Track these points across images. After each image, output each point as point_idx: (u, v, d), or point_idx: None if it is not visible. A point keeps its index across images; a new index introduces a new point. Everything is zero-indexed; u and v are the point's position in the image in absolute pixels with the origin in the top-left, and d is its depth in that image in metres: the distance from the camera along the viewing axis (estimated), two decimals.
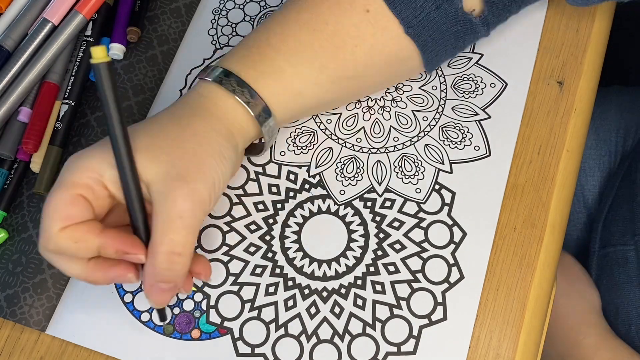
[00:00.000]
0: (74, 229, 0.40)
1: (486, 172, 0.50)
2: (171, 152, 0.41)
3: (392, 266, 0.48)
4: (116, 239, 0.41)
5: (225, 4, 0.57)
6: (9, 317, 0.48)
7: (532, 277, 0.48)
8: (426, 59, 0.48)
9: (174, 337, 0.48)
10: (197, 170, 0.41)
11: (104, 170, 0.41)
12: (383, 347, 0.47)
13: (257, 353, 0.47)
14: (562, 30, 0.54)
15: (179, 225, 0.40)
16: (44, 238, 0.41)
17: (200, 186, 0.41)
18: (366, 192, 0.50)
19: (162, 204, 0.40)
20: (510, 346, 0.46)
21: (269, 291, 0.48)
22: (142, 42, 0.54)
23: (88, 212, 0.41)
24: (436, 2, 0.45)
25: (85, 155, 0.42)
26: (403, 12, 0.45)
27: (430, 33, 0.47)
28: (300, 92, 0.46)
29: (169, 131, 0.43)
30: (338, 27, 0.46)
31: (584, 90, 0.52)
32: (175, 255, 0.41)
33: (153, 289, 0.42)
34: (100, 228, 0.41)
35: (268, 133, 0.46)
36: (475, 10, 0.47)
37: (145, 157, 0.41)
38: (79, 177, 0.41)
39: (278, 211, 0.50)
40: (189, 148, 0.42)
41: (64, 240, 0.40)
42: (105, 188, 0.41)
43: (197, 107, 0.44)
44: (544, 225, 0.49)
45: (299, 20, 0.46)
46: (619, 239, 0.67)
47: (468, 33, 0.48)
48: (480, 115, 0.52)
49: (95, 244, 0.41)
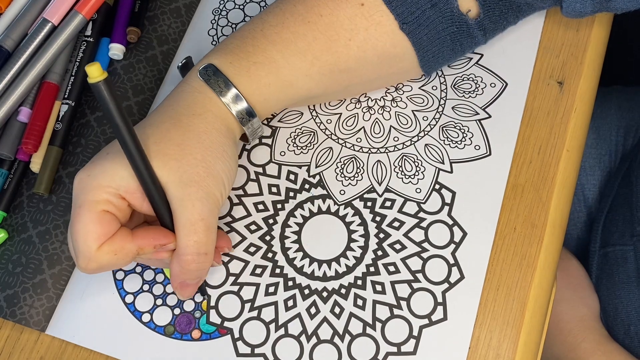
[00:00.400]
0: (110, 243, 0.42)
1: (486, 172, 0.50)
2: (180, 158, 0.43)
3: (392, 266, 0.48)
4: (150, 237, 0.43)
5: (225, 4, 0.57)
6: (9, 318, 0.48)
7: (532, 277, 0.48)
8: (422, 58, 0.48)
9: (174, 337, 0.48)
10: (207, 174, 0.43)
11: (117, 184, 0.42)
12: (383, 347, 0.47)
13: (257, 353, 0.47)
14: (562, 30, 0.54)
15: (202, 227, 0.43)
16: (83, 260, 0.42)
17: (213, 188, 0.43)
18: (366, 192, 0.50)
19: (181, 209, 0.42)
20: (510, 346, 0.46)
21: (269, 291, 0.48)
22: (142, 42, 0.54)
23: (116, 223, 0.43)
24: (431, 0, 0.46)
25: (95, 172, 0.43)
26: (398, 7, 0.46)
27: (425, 31, 0.47)
28: (291, 83, 0.47)
29: (172, 136, 0.43)
30: (332, 19, 0.46)
31: (584, 90, 0.52)
32: (201, 255, 0.43)
33: (182, 286, 0.45)
34: (131, 232, 0.43)
35: (252, 134, 0.48)
36: (471, 12, 0.47)
37: (157, 165, 0.42)
38: (97, 195, 0.42)
39: (278, 211, 0.50)
40: (197, 154, 0.43)
41: (104, 256, 0.42)
42: (124, 199, 0.43)
43: (194, 104, 0.45)
44: (544, 225, 0.49)
45: (294, 12, 0.46)
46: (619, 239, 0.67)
47: (464, 36, 0.48)
48: (481, 114, 0.52)
49: (133, 249, 0.43)
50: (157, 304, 0.49)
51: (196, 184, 0.42)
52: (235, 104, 0.45)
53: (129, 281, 0.49)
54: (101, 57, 0.54)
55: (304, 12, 0.46)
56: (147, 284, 0.49)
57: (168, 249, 0.44)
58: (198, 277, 0.45)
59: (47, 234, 0.49)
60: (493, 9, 0.47)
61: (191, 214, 0.42)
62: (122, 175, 0.42)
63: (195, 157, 0.43)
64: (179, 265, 0.43)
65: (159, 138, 0.43)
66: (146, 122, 0.45)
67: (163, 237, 0.43)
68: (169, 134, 0.43)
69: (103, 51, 0.54)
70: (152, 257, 0.44)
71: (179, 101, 0.45)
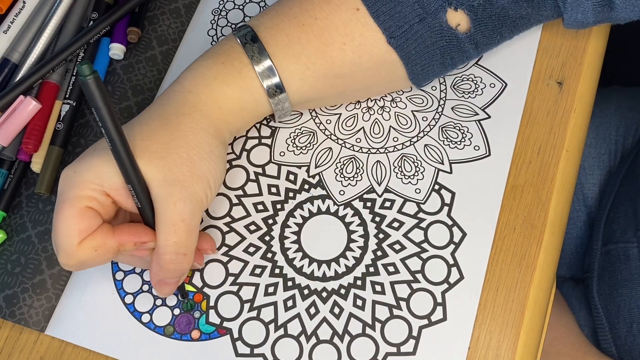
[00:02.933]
0: (90, 239, 0.42)
1: (486, 172, 0.50)
2: (166, 156, 0.43)
3: (391, 266, 0.48)
4: (131, 233, 0.43)
5: (224, 4, 0.57)
6: (8, 318, 0.48)
7: (532, 277, 0.48)
8: (410, 71, 0.48)
9: (173, 337, 0.48)
10: (192, 174, 0.43)
11: (102, 180, 0.42)
12: (383, 348, 0.47)
13: (256, 353, 0.47)
14: (561, 31, 0.54)
15: (182, 228, 0.42)
16: (64, 256, 0.42)
17: (197, 189, 0.43)
18: (366, 193, 0.50)
19: (163, 208, 0.42)
20: (510, 346, 0.46)
21: (268, 291, 0.48)
22: (142, 42, 0.54)
23: (98, 219, 0.43)
24: (419, 15, 0.45)
25: (80, 168, 0.43)
26: (386, 22, 0.45)
27: (414, 45, 0.46)
28: (285, 86, 0.46)
29: (160, 134, 0.43)
30: (327, 23, 0.46)
31: (584, 90, 0.52)
32: (180, 255, 0.43)
33: (160, 284, 0.45)
34: (112, 229, 0.43)
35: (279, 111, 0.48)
36: (461, 26, 0.47)
37: (142, 162, 0.42)
38: (80, 191, 0.42)
39: (278, 212, 0.50)
40: (183, 153, 0.43)
41: (85, 252, 0.42)
42: (108, 196, 0.43)
43: (183, 104, 0.45)
44: (543, 225, 0.49)
45: (289, 15, 0.46)
46: (621, 236, 0.67)
47: (454, 50, 0.47)
48: (480, 115, 0.52)
49: (113, 245, 0.43)
50: (157, 304, 0.49)
51: (180, 184, 0.42)
52: (265, 78, 0.45)
53: (129, 281, 0.49)
54: (101, 56, 0.54)
55: (299, 15, 0.46)
56: (146, 284, 0.49)
57: (148, 247, 0.44)
58: (177, 276, 0.45)
59: (46, 234, 0.49)
60: (485, 23, 0.47)
61: (172, 213, 0.42)
62: (107, 171, 0.42)
63: (181, 156, 0.43)
64: (158, 263, 0.43)
65: (146, 135, 0.43)
66: (135, 120, 0.45)
67: (144, 235, 0.43)
68: (157, 131, 0.43)
69: (103, 51, 0.54)
70: (133, 254, 0.45)
71: (169, 100, 0.45)
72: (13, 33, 0.53)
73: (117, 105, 0.53)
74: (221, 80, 0.45)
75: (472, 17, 0.46)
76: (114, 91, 0.53)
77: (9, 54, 0.52)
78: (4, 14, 0.53)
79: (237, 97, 0.46)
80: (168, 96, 0.46)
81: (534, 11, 0.47)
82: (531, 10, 0.47)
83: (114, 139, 0.40)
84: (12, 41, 0.53)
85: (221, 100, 0.46)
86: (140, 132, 0.43)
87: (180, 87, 0.46)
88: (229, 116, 0.46)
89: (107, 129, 0.40)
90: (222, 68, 0.46)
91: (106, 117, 0.40)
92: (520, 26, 0.49)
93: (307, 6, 0.46)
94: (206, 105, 0.45)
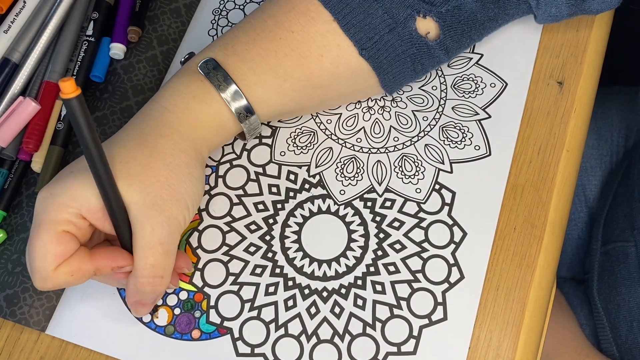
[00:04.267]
0: (67, 264, 0.42)
1: (486, 172, 0.50)
2: (144, 179, 0.42)
3: (392, 266, 0.48)
4: (108, 258, 0.43)
5: (225, 4, 0.57)
6: (9, 317, 0.48)
7: (532, 277, 0.48)
8: (383, 80, 0.48)
9: (174, 337, 0.48)
10: (170, 198, 0.43)
11: (79, 203, 0.42)
12: (383, 347, 0.47)
13: (257, 353, 0.47)
14: (562, 30, 0.53)
15: (160, 251, 0.42)
16: (39, 279, 0.42)
17: (175, 212, 0.43)
18: (366, 192, 0.50)
19: (142, 232, 0.42)
20: (510, 346, 0.46)
21: (268, 291, 0.48)
22: (142, 42, 0.54)
23: (75, 243, 0.42)
24: (389, 25, 0.45)
25: (57, 191, 0.42)
26: (356, 34, 0.45)
27: (385, 55, 0.46)
28: (263, 100, 0.46)
29: (137, 157, 0.43)
30: (303, 36, 0.45)
31: (584, 90, 0.52)
32: (157, 278, 0.43)
33: (137, 305, 0.45)
34: (90, 253, 0.43)
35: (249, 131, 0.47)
36: (431, 34, 0.47)
37: (121, 184, 0.42)
38: (58, 214, 0.41)
39: (278, 211, 0.50)
40: (161, 177, 0.43)
41: (60, 277, 0.42)
42: (85, 219, 0.42)
43: (161, 124, 0.44)
44: (543, 225, 0.49)
45: (265, 28, 0.46)
46: (619, 235, 0.67)
47: (425, 57, 0.47)
48: (481, 114, 0.52)
49: (90, 270, 0.42)
50: (157, 304, 0.49)
51: (158, 208, 0.42)
52: (233, 101, 0.45)
53: None
54: (102, 56, 0.54)
55: (275, 29, 0.45)
56: None
57: (125, 271, 0.44)
58: (153, 298, 0.45)
59: None
60: (454, 28, 0.47)
61: (150, 237, 0.42)
62: (85, 194, 0.41)
63: (159, 180, 0.43)
64: (135, 285, 0.43)
65: (125, 158, 0.43)
66: (113, 140, 0.44)
67: (121, 259, 0.43)
68: (134, 154, 0.43)
69: (104, 50, 0.54)
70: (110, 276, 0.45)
71: (146, 121, 0.45)
72: (13, 33, 0.53)
73: (118, 105, 0.53)
74: (200, 99, 0.45)
75: (441, 24, 0.46)
76: (114, 91, 0.53)
77: (9, 54, 0.52)
78: (5, 13, 0.53)
79: (217, 113, 0.45)
80: (146, 116, 0.45)
81: (501, 12, 0.47)
82: (498, 11, 0.47)
83: (96, 163, 0.39)
84: (12, 41, 0.53)
85: (200, 119, 0.45)
86: (118, 154, 0.43)
87: (159, 107, 0.45)
88: (209, 134, 0.46)
89: (89, 153, 0.39)
90: (200, 85, 0.45)
91: (88, 140, 0.38)
92: (489, 28, 0.49)
93: (282, 19, 0.46)
94: (185, 125, 0.45)
